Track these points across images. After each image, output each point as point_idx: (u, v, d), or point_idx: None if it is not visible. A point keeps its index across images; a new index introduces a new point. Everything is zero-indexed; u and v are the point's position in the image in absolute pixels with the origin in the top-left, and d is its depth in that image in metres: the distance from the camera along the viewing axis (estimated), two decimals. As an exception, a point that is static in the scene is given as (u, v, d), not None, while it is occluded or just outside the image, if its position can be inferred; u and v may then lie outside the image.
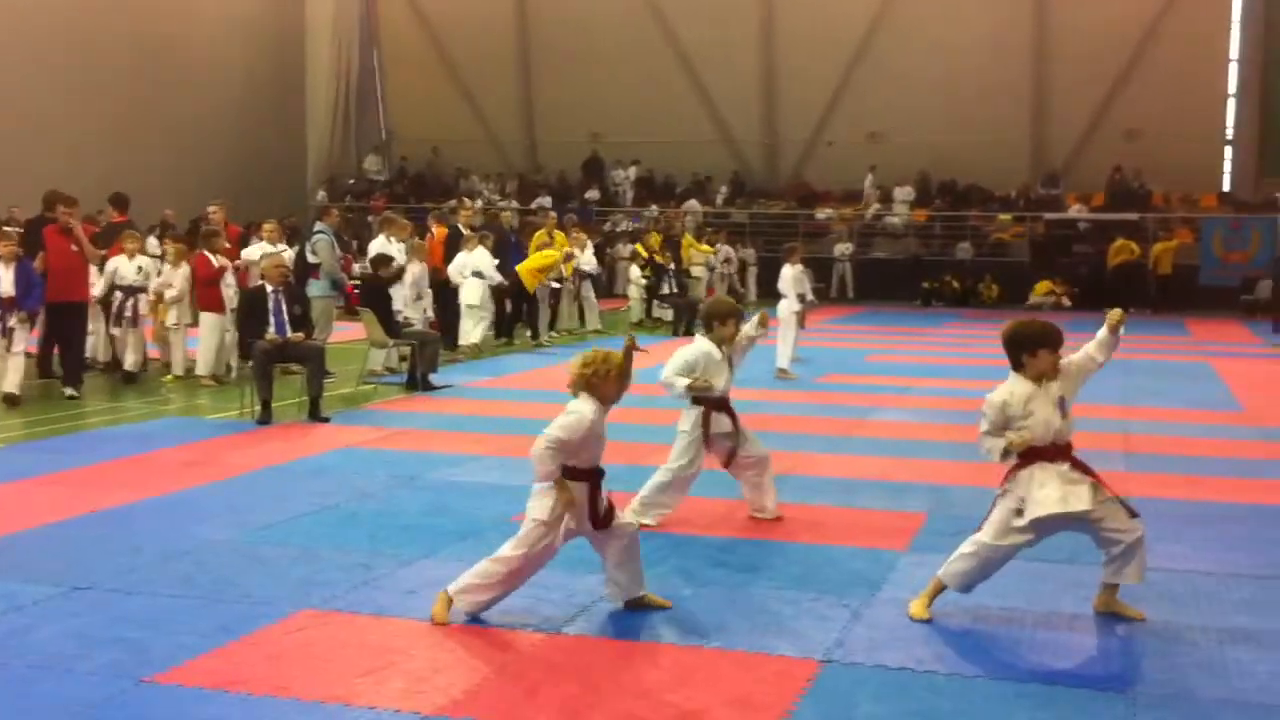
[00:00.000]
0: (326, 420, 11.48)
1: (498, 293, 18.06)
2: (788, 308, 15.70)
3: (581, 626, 5.91)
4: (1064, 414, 5.99)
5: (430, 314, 15.91)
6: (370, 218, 29.27)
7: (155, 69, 30.10)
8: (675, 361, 7.88)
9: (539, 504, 5.94)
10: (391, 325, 13.96)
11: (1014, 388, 6.01)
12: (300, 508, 8.19)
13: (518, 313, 19.19)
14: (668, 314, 22.11)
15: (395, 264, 14.49)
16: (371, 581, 6.57)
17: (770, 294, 17.06)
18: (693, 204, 33.58)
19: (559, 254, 19.07)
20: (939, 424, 11.73)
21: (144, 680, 5.15)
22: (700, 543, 7.40)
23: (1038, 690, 5.15)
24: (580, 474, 5.94)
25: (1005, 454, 5.97)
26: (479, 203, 29.79)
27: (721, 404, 7.82)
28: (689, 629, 5.84)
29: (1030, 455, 5.93)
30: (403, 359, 14.75)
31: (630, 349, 6.11)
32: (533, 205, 31.60)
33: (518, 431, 10.93)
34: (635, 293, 22.84)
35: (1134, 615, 6.01)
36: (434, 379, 13.82)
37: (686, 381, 7.78)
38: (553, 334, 19.71)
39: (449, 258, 17.36)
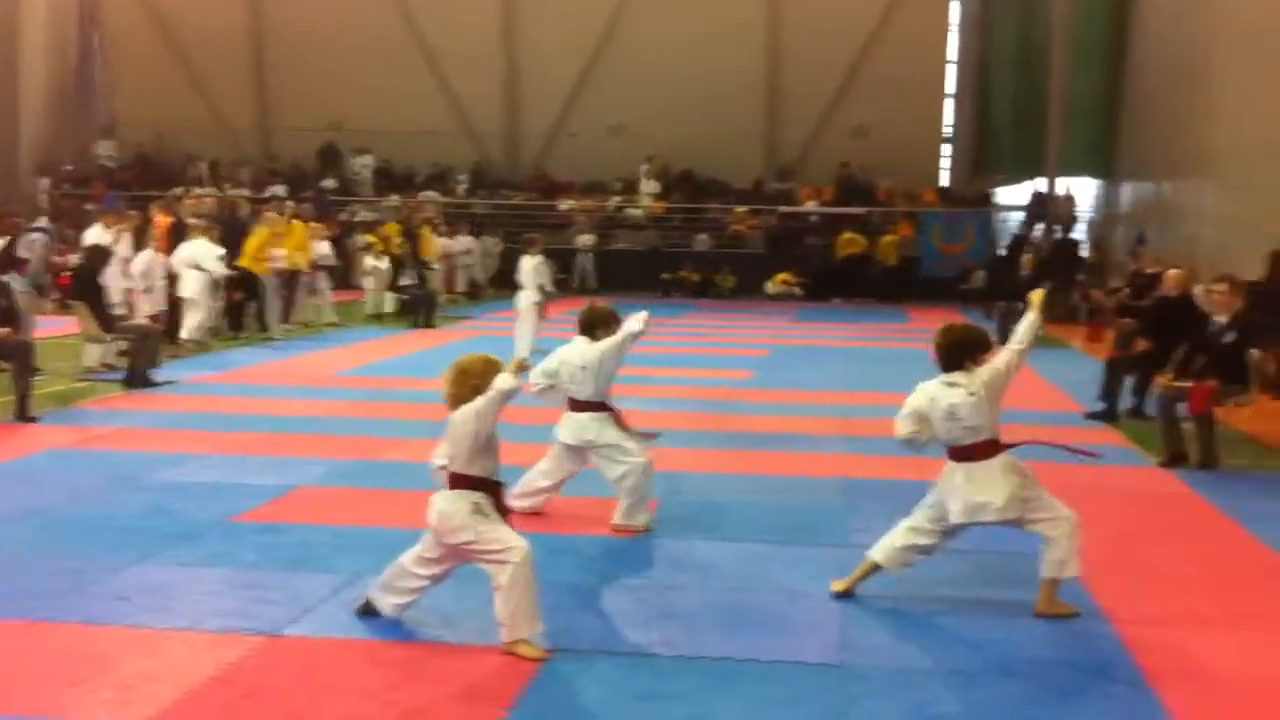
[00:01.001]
0: (34, 420, 10.81)
1: (230, 283, 17.41)
2: (527, 299, 15.69)
3: (305, 627, 5.74)
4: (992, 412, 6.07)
5: (161, 306, 15.21)
6: (89, 206, 27.76)
7: None
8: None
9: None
10: (107, 319, 13.26)
11: (947, 390, 6.09)
12: (4, 513, 7.67)
13: (243, 305, 18.48)
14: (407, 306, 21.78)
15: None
16: (81, 588, 6.22)
17: (510, 285, 17.02)
18: (432, 194, 33.20)
19: (268, 233, 18.32)
20: (676, 413, 11.92)
21: None
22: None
23: (755, 668, 5.28)
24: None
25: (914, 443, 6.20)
26: (210, 190, 28.64)
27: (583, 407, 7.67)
28: (417, 626, 5.74)
29: (954, 453, 6.06)
30: (122, 354, 14.02)
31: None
32: (266, 194, 30.57)
33: (242, 429, 10.61)
34: (371, 284, 22.40)
35: (1069, 611, 6.03)
36: (155, 375, 13.20)
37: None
38: (286, 327, 19.13)
39: (174, 248, 16.60)
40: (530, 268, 15.81)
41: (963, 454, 6.02)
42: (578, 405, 7.65)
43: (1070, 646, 5.63)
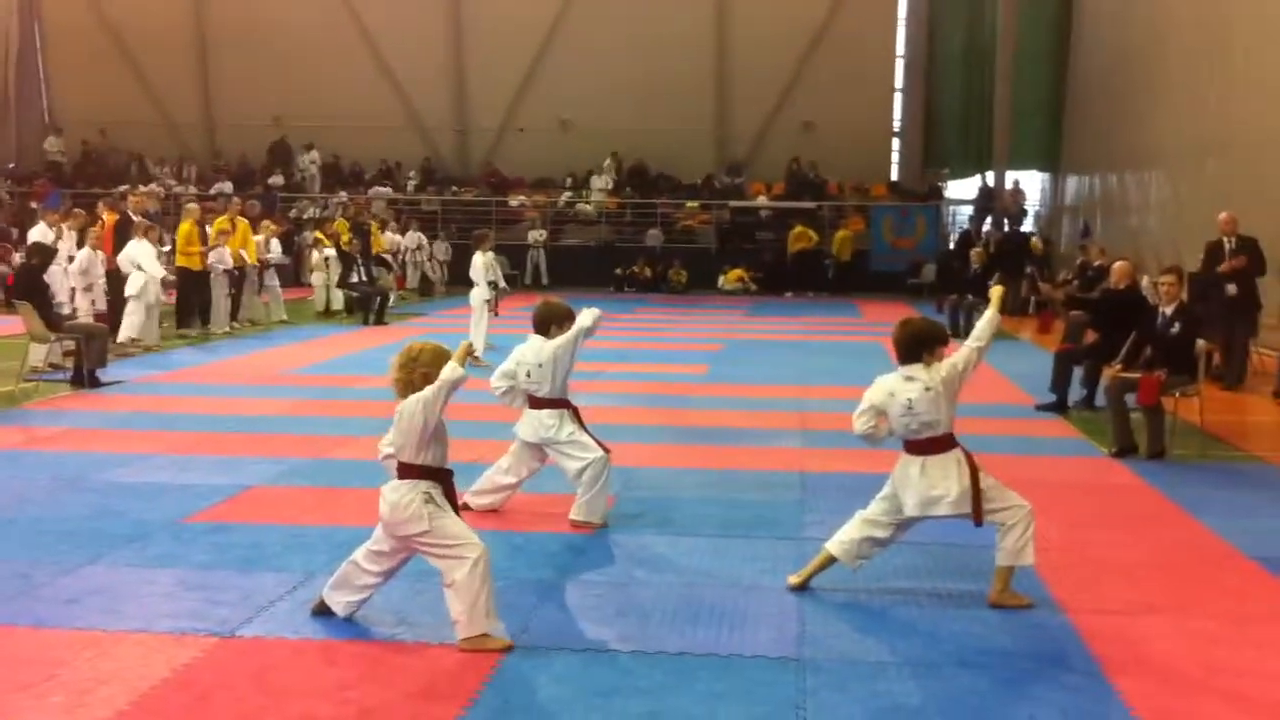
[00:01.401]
0: (-21, 421, 10.64)
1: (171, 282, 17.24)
2: (479, 295, 15.62)
3: (259, 628, 5.67)
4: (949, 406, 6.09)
5: (100, 305, 15.01)
6: (33, 204, 27.38)
7: None
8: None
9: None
10: (52, 318, 13.07)
11: (905, 384, 6.11)
12: (-53, 516, 7.54)
13: (189, 303, 18.26)
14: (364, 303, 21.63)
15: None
16: (30, 591, 6.13)
17: (463, 282, 16.93)
18: (381, 190, 33.01)
19: (191, 226, 18.00)
20: (630, 408, 11.92)
21: None
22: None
23: (716, 662, 5.28)
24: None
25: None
26: (156, 187, 28.31)
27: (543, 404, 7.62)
28: (372, 625, 5.69)
29: (910, 446, 6.09)
30: (68, 354, 13.82)
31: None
32: (212, 191, 30.28)
33: (190, 428, 10.50)
34: (319, 280, 22.21)
35: (1022, 603, 6.06)
36: (102, 375, 13.03)
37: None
38: (234, 324, 18.95)
39: (120, 246, 16.40)
40: (481, 264, 15.73)
41: (918, 448, 6.04)
42: (538, 403, 7.60)
43: (1026, 637, 5.66)
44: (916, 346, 6.19)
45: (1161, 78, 22.12)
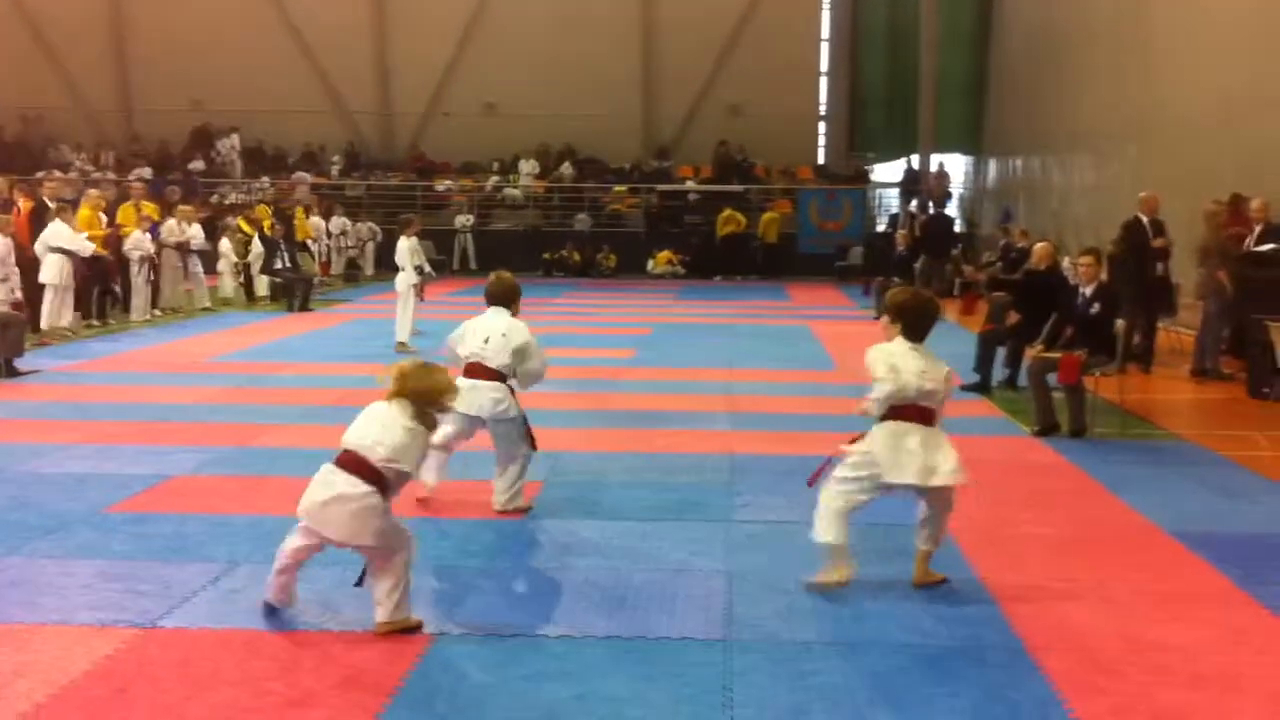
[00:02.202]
0: (-109, 413, 10.37)
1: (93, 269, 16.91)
2: (405, 280, 15.49)
3: (180, 619, 5.58)
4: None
5: (17, 294, 14.68)
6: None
7: None
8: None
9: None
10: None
11: (915, 355, 6.13)
12: None
13: (106, 290, 17.94)
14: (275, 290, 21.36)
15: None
16: (-59, 586, 5.98)
17: (389, 267, 16.77)
18: (303, 175, 32.62)
19: (91, 211, 17.64)
20: (558, 393, 11.83)
21: None
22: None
23: (642, 645, 5.29)
24: None
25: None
26: (73, 174, 27.78)
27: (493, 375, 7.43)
28: (297, 615, 5.62)
29: (910, 413, 6.01)
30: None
31: None
32: (131, 177, 29.74)
33: (110, 417, 10.32)
34: (225, 266, 21.82)
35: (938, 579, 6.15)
36: (18, 364, 12.76)
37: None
38: (156, 312, 18.65)
39: (36, 232, 16.06)
40: (406, 249, 15.59)
41: (920, 415, 6.03)
42: (486, 373, 7.38)
43: (949, 616, 5.72)
44: (929, 324, 6.28)
45: (1084, 60, 22.42)
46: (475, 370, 7.39)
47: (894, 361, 6.03)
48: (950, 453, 5.99)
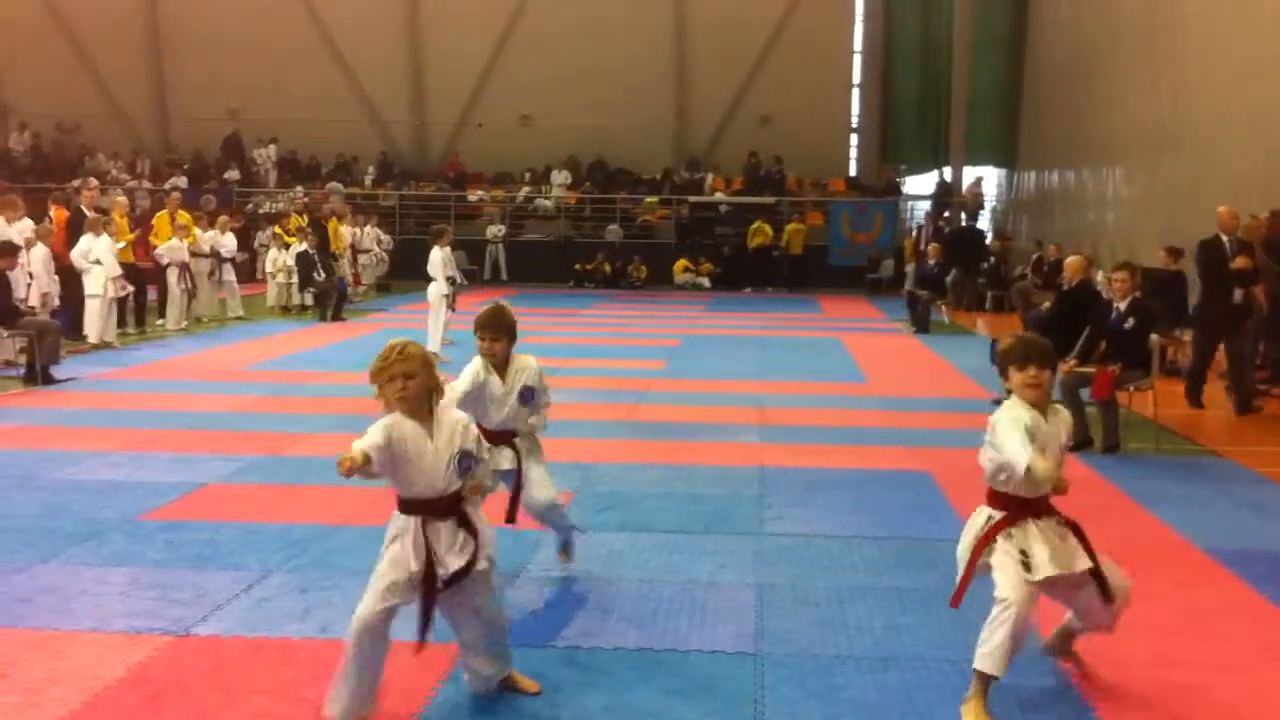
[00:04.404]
0: (-70, 419, 10.50)
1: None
2: (436, 290, 15.57)
3: (214, 626, 5.62)
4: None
5: (56, 302, 14.85)
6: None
7: None
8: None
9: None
10: (6, 313, 12.90)
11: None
12: (-105, 516, 7.43)
13: (139, 299, 18.10)
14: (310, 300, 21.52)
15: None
16: (-21, 592, 6.05)
17: (421, 277, 16.84)
18: (337, 185, 32.82)
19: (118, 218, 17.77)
20: (588, 404, 11.89)
21: None
22: (345, 533, 7.18)
23: (675, 658, 5.29)
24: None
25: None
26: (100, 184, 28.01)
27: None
28: (329, 622, 5.65)
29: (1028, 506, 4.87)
30: (21, 350, 13.66)
31: None
32: (166, 186, 30.01)
33: (145, 425, 10.40)
34: (281, 277, 22.03)
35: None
36: (55, 371, 12.89)
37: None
38: (192, 320, 18.81)
39: (72, 242, 16.21)
40: (439, 259, 15.67)
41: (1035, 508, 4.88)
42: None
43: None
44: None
45: (1116, 72, 22.32)
46: None
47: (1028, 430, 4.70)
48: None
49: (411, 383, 4.57)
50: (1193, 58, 18.45)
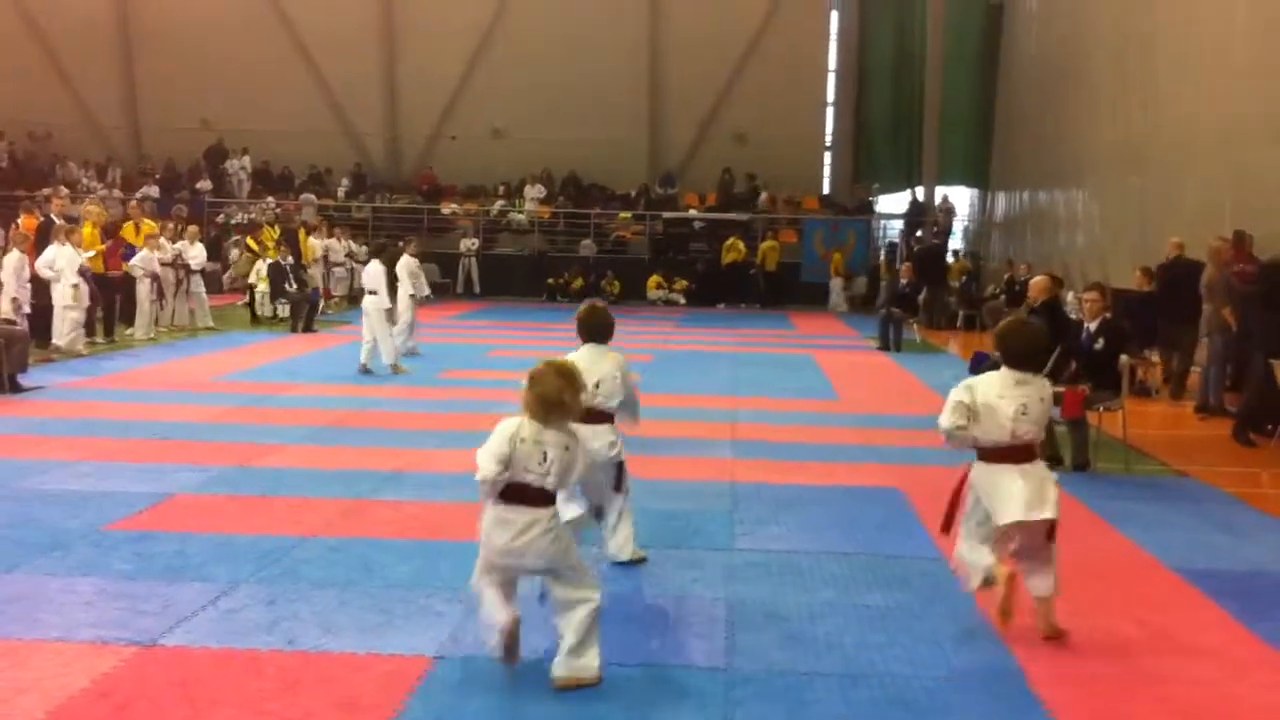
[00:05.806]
0: (-106, 427, 10.38)
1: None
2: (403, 297, 15.56)
3: (181, 637, 5.58)
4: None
5: (26, 309, 14.73)
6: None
7: None
8: None
9: None
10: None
11: (1020, 388, 5.91)
12: None
13: (110, 307, 17.99)
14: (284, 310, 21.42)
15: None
16: (-57, 601, 5.98)
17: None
18: (310, 197, 32.71)
19: (90, 228, 17.63)
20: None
21: None
22: (313, 545, 7.14)
23: (645, 672, 5.27)
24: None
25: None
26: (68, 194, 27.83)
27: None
28: (296, 634, 5.62)
29: (1006, 454, 5.84)
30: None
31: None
32: (138, 195, 29.83)
33: (115, 435, 10.32)
34: (262, 286, 21.91)
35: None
36: (23, 380, 12.77)
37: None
38: (160, 329, 18.69)
39: (40, 249, 16.08)
40: (405, 268, 15.66)
41: (1020, 455, 5.83)
42: (604, 417, 7.00)
43: (951, 648, 5.71)
44: (1038, 354, 6.18)
45: (1087, 94, 22.50)
46: (596, 415, 6.88)
47: (976, 401, 5.99)
48: (1054, 488, 5.92)
49: None
50: (1164, 73, 18.58)
